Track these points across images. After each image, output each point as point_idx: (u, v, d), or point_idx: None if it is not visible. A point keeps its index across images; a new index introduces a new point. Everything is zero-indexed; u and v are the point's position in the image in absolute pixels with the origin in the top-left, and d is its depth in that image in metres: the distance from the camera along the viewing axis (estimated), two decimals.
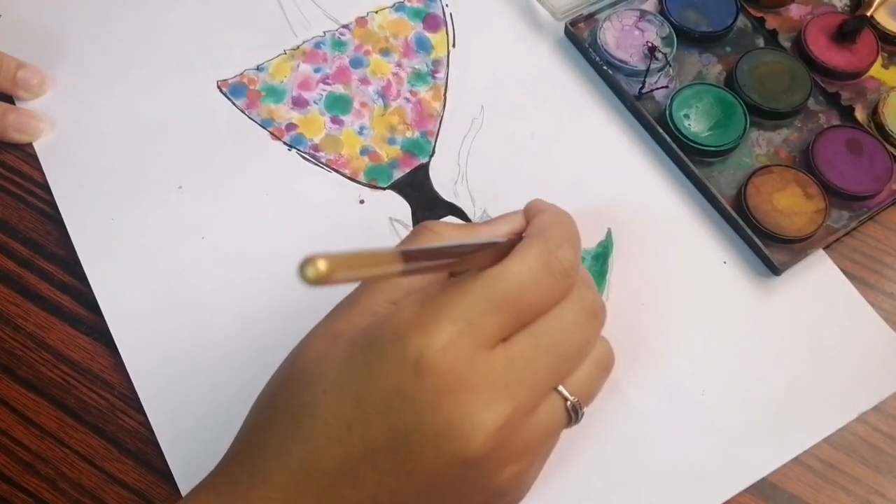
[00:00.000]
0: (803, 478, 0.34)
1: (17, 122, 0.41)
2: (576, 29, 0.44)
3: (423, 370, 0.24)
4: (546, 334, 0.26)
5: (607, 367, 0.29)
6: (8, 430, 0.35)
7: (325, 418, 0.25)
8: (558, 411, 0.27)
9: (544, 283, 0.26)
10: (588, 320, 0.27)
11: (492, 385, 0.24)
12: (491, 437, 0.24)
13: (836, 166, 0.40)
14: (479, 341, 0.24)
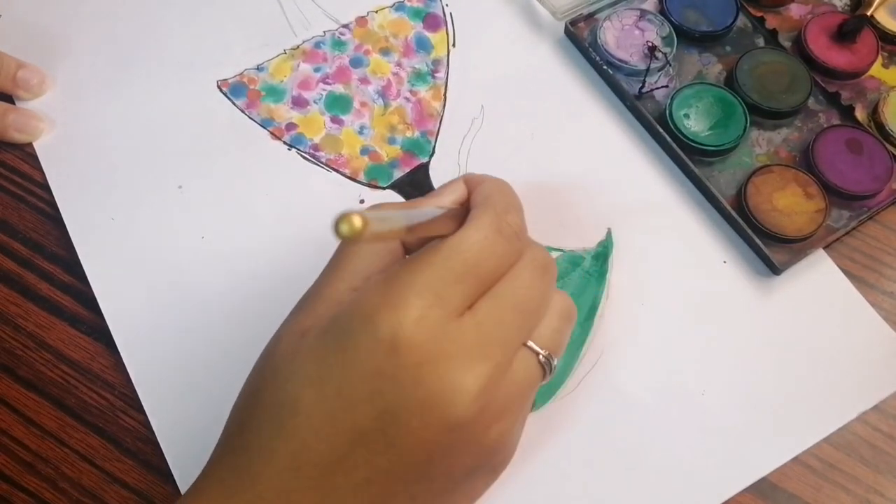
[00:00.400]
0: (803, 477, 0.35)
1: (17, 121, 0.41)
2: (576, 28, 0.44)
3: (399, 347, 0.24)
4: (507, 295, 0.27)
5: (570, 317, 0.30)
6: (8, 430, 0.35)
7: (307, 413, 0.25)
8: (532, 366, 0.28)
9: (499, 247, 0.27)
10: (542, 276, 0.28)
11: (467, 350, 0.25)
12: (475, 399, 0.25)
13: (836, 166, 0.40)
14: (447, 311, 0.25)
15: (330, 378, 0.25)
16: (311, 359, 0.25)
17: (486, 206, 0.28)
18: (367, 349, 0.24)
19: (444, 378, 0.25)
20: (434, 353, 0.25)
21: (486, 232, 0.27)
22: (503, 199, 0.29)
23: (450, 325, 0.25)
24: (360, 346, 0.25)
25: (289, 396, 0.25)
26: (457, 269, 0.26)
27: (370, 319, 0.25)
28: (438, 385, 0.25)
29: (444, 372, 0.25)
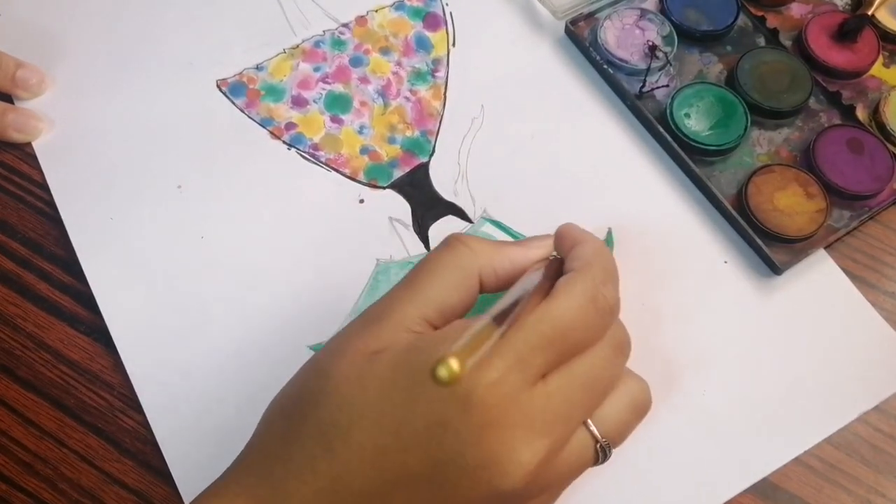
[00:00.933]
0: (804, 478, 0.34)
1: (16, 121, 0.41)
2: (576, 28, 0.44)
3: (472, 405, 0.24)
4: (581, 372, 0.26)
5: (641, 411, 0.29)
6: (7, 431, 0.35)
7: (361, 442, 0.25)
8: (587, 449, 0.27)
9: (590, 319, 0.26)
10: (617, 356, 0.28)
11: (532, 421, 0.25)
12: (529, 473, 0.25)
13: (837, 166, 0.40)
14: (525, 378, 0.25)
15: (391, 413, 0.25)
16: (377, 388, 0.25)
17: (583, 273, 0.27)
18: (438, 398, 0.24)
19: (504, 445, 0.24)
20: (501, 418, 0.24)
21: (581, 301, 0.26)
22: (602, 267, 0.28)
23: (524, 392, 0.25)
24: (431, 392, 0.24)
25: (345, 420, 0.25)
26: (545, 335, 0.25)
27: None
28: (497, 451, 0.24)
29: (506, 439, 0.24)
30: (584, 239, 0.30)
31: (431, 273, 0.28)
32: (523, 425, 0.25)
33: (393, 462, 0.24)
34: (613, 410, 0.28)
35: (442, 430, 0.24)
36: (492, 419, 0.24)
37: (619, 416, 0.28)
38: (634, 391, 0.29)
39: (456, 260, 0.28)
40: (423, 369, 0.25)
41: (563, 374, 0.26)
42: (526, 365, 0.25)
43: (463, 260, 0.28)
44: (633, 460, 0.34)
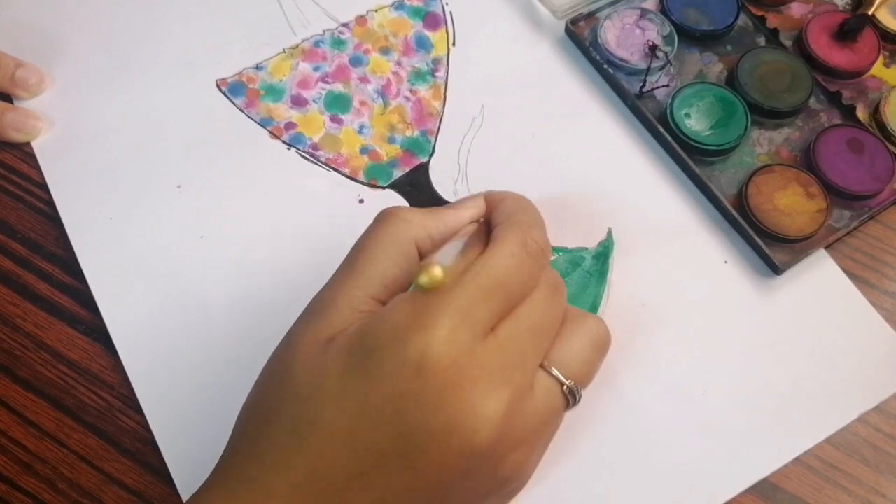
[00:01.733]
0: (804, 478, 0.34)
1: (15, 121, 0.41)
2: (576, 27, 0.44)
3: (426, 370, 0.24)
4: (526, 316, 0.27)
5: (602, 347, 0.30)
6: (6, 431, 0.35)
7: (329, 429, 0.25)
8: (554, 395, 0.27)
9: (525, 265, 0.27)
10: (555, 296, 0.28)
11: (489, 373, 0.25)
12: (496, 426, 0.25)
13: (837, 165, 0.40)
14: (474, 332, 0.25)
15: (353, 396, 0.25)
16: (335, 374, 0.25)
17: (511, 223, 0.28)
18: (393, 370, 0.24)
19: (467, 403, 0.24)
20: (457, 377, 0.24)
21: (513, 249, 0.27)
22: (527, 216, 0.29)
23: (475, 346, 0.25)
24: (386, 366, 0.24)
25: (310, 410, 0.25)
26: (484, 288, 0.25)
27: (398, 339, 0.24)
28: (461, 411, 0.24)
29: (467, 397, 0.24)
30: (505, 196, 0.31)
31: (369, 251, 0.29)
32: (481, 379, 0.25)
33: (363, 443, 0.24)
34: (573, 351, 0.28)
35: (403, 402, 0.24)
36: (449, 380, 0.24)
37: (580, 355, 0.28)
38: (591, 328, 0.29)
39: (391, 233, 0.29)
40: (374, 346, 0.25)
41: (511, 323, 0.26)
42: (472, 320, 0.25)
43: (398, 232, 0.29)
44: (633, 460, 0.34)
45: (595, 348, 0.29)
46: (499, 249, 0.27)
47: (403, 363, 0.24)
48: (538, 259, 0.28)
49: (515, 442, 0.26)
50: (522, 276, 0.27)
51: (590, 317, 0.30)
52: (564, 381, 0.27)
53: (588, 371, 0.29)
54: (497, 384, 0.25)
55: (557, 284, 0.29)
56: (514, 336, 0.26)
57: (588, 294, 0.38)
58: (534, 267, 0.27)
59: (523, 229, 0.28)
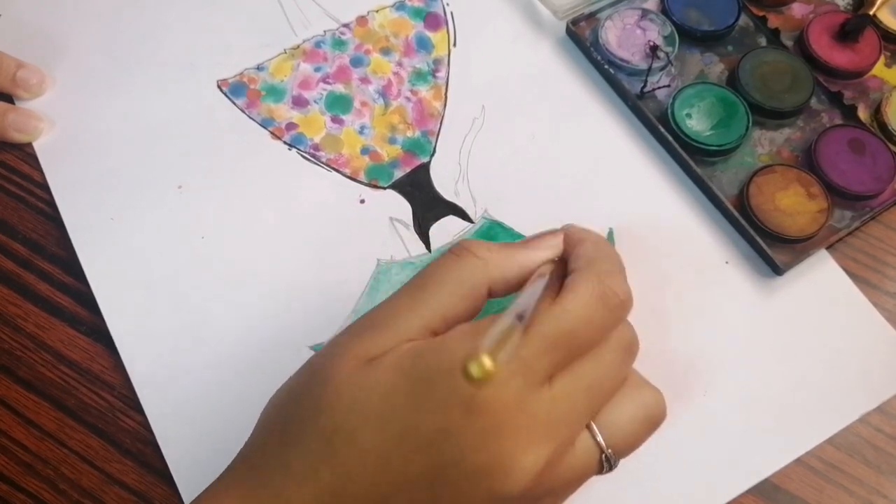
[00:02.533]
0: (805, 479, 0.34)
1: (16, 121, 0.41)
2: (577, 28, 0.44)
3: (475, 410, 0.24)
4: (586, 374, 0.26)
5: (653, 424, 0.28)
6: (8, 431, 0.35)
7: (363, 447, 0.24)
8: (592, 458, 0.27)
9: (598, 317, 0.26)
10: (624, 357, 0.27)
11: (536, 426, 0.24)
12: (531, 479, 0.24)
13: (838, 166, 0.40)
14: (530, 381, 0.24)
15: (395, 419, 0.24)
16: (380, 394, 0.25)
17: (589, 270, 0.27)
18: (441, 402, 0.24)
19: (506, 450, 0.24)
20: (505, 423, 0.24)
21: (588, 300, 0.25)
22: (608, 262, 0.28)
23: (529, 396, 0.24)
24: (434, 396, 0.24)
25: (348, 425, 0.25)
26: (551, 337, 0.25)
27: (452, 373, 0.24)
28: (500, 456, 0.24)
29: (508, 444, 0.24)
30: (585, 237, 0.29)
31: (438, 282, 0.27)
32: (527, 430, 0.24)
33: (395, 467, 0.24)
34: (623, 420, 0.27)
35: (443, 436, 0.24)
36: (495, 424, 0.24)
37: (628, 427, 0.27)
38: (648, 402, 0.28)
39: (465, 272, 0.27)
40: (427, 375, 0.24)
41: (568, 377, 0.25)
42: (532, 369, 0.24)
43: (473, 272, 0.27)
44: (634, 461, 0.34)
45: (646, 423, 0.28)
46: (572, 299, 0.25)
47: (455, 398, 0.24)
48: (615, 312, 0.26)
49: (543, 493, 0.26)
50: (593, 329, 0.26)
51: (650, 388, 0.28)
52: (605, 449, 0.26)
53: (632, 444, 0.28)
54: (541, 438, 0.24)
55: (630, 345, 0.27)
56: (569, 392, 0.25)
57: None
58: (607, 320, 0.26)
59: (601, 278, 0.26)
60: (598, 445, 0.26)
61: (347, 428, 0.25)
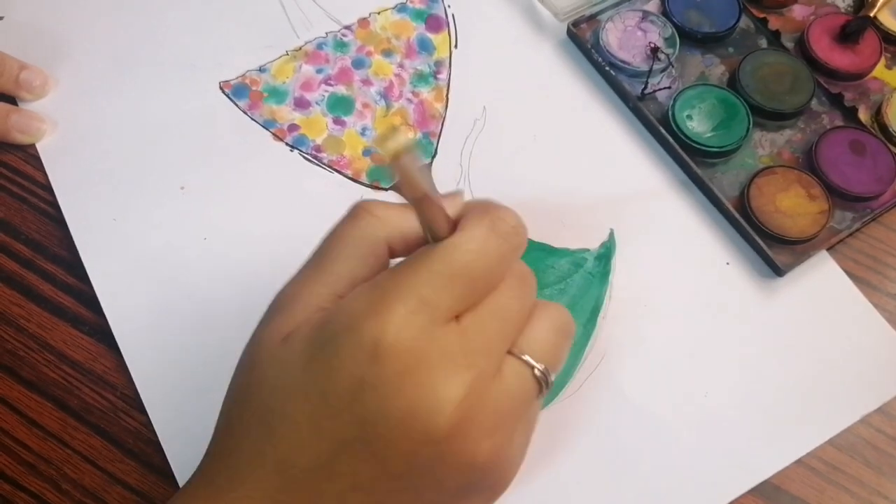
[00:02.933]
0: (806, 479, 0.34)
1: (19, 123, 0.41)
2: (578, 30, 0.44)
3: (381, 356, 0.24)
4: (492, 307, 0.26)
5: (568, 332, 0.29)
6: (10, 431, 0.35)
7: (295, 419, 0.25)
8: (526, 379, 0.27)
9: (493, 247, 0.25)
10: (525, 288, 0.27)
11: (450, 358, 0.24)
12: (455, 409, 0.24)
13: (839, 167, 0.40)
14: (433, 317, 0.24)
15: (315, 386, 0.25)
16: (297, 366, 0.25)
17: (480, 207, 0.27)
18: (350, 357, 0.24)
19: (424, 387, 0.24)
20: (416, 362, 0.24)
21: (479, 231, 0.25)
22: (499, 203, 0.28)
23: (435, 331, 0.24)
24: (342, 354, 0.24)
25: (277, 402, 0.25)
26: (445, 272, 0.25)
27: (353, 327, 0.24)
28: (419, 395, 0.24)
29: (425, 381, 0.24)
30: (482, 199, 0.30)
31: (338, 247, 0.28)
32: (440, 363, 0.24)
33: (327, 432, 0.24)
34: (540, 336, 0.27)
35: (361, 390, 0.24)
36: (406, 365, 0.24)
37: (547, 340, 0.27)
38: (553, 314, 0.28)
39: (363, 231, 0.28)
40: (333, 336, 0.24)
41: (476, 312, 0.25)
42: (431, 305, 0.24)
43: (370, 229, 0.28)
44: (635, 461, 0.34)
45: (561, 334, 0.28)
46: (463, 232, 0.25)
47: (359, 349, 0.24)
48: (509, 240, 0.26)
49: (487, 428, 0.25)
50: (489, 261, 0.25)
51: (552, 304, 0.29)
52: (535, 365, 0.27)
53: (557, 356, 0.28)
54: (458, 368, 0.24)
55: (526, 275, 0.28)
56: (478, 324, 0.25)
57: (590, 295, 0.38)
58: (503, 249, 0.26)
59: (492, 212, 0.26)
60: (527, 364, 0.27)
61: (277, 405, 0.25)
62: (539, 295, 0.37)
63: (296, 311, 0.27)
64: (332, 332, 0.25)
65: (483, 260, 0.25)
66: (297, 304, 0.27)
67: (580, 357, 0.36)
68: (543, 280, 0.38)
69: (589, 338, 0.37)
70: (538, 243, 0.39)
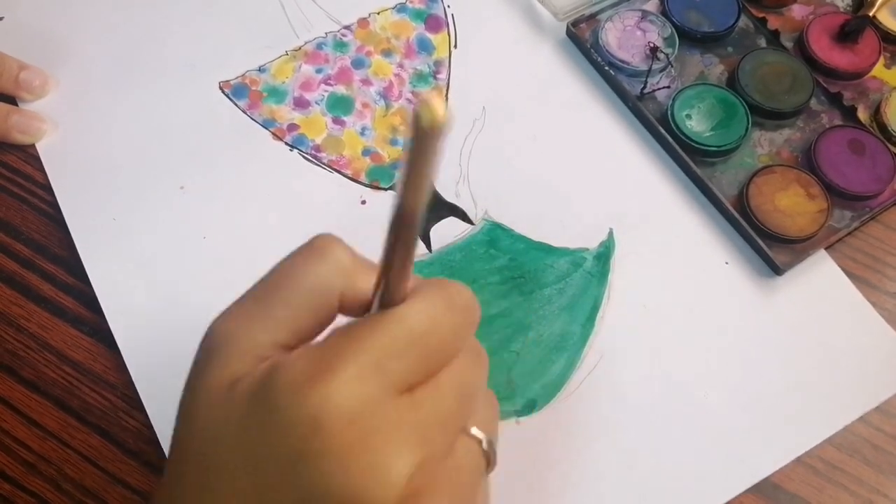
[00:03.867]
0: (806, 478, 0.34)
1: (19, 123, 0.41)
2: (577, 29, 0.44)
3: (323, 427, 0.21)
4: (449, 380, 0.24)
5: (495, 405, 0.28)
6: (11, 431, 0.35)
7: (234, 483, 0.22)
8: (475, 454, 0.25)
9: (447, 320, 0.24)
10: (478, 362, 0.26)
11: (400, 432, 0.22)
12: (403, 490, 0.22)
13: (838, 166, 0.40)
14: (384, 386, 0.22)
15: (254, 452, 0.22)
16: (238, 426, 0.23)
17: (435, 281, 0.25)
18: (290, 426, 0.21)
19: (371, 465, 0.21)
20: (362, 435, 0.21)
21: (435, 302, 0.24)
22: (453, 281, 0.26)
23: (385, 402, 0.22)
24: (282, 421, 0.21)
25: (216, 461, 0.23)
26: (400, 339, 0.22)
27: (296, 391, 0.21)
28: (364, 472, 0.21)
29: (372, 457, 0.21)
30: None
31: (287, 289, 0.25)
32: (390, 439, 0.22)
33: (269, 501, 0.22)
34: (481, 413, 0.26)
35: (303, 464, 0.21)
36: (351, 439, 0.21)
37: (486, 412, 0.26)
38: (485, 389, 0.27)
39: (317, 277, 0.25)
40: (274, 401, 0.22)
41: (432, 386, 0.23)
42: (383, 373, 0.22)
43: (326, 278, 0.25)
44: (633, 461, 0.34)
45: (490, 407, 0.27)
46: (417, 300, 0.23)
47: (301, 419, 0.21)
48: (465, 314, 0.24)
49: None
50: (444, 332, 0.23)
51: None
52: (482, 438, 0.25)
53: (494, 428, 0.26)
54: (409, 444, 0.22)
55: (482, 352, 0.26)
56: (435, 398, 0.23)
57: (589, 295, 0.38)
58: (459, 322, 0.24)
59: (447, 286, 0.24)
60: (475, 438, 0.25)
61: (216, 463, 0.23)
62: (538, 294, 0.38)
63: (234, 357, 0.24)
64: (274, 394, 0.22)
65: (440, 331, 0.23)
66: (235, 347, 0.24)
67: (579, 357, 0.36)
68: (543, 279, 0.38)
69: (588, 338, 0.37)
70: (537, 242, 0.39)
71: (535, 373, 0.36)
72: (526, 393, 0.36)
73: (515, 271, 0.38)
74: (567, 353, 0.36)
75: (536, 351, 0.36)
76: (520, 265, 0.38)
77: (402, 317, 0.23)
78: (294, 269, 0.26)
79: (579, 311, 0.37)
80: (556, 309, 0.37)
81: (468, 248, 0.39)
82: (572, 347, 0.36)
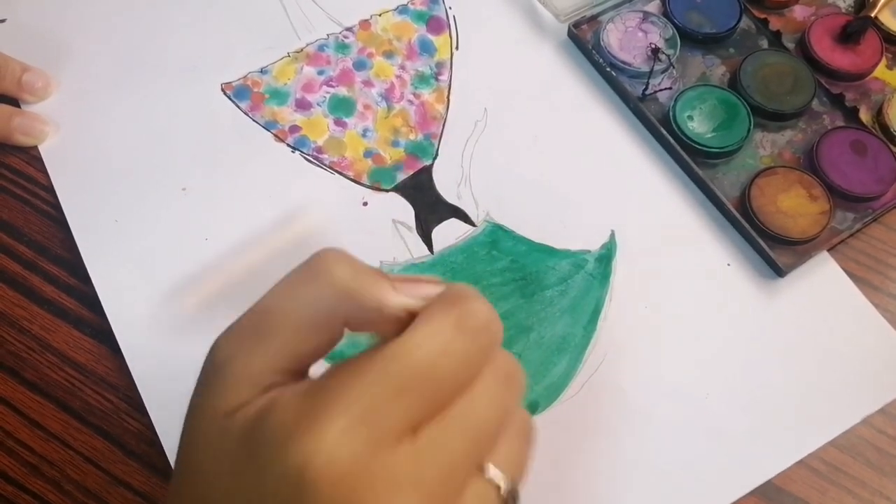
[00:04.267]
0: (808, 480, 0.34)
1: (22, 125, 0.41)
2: (579, 31, 0.44)
3: (309, 483, 0.19)
4: (461, 416, 0.21)
5: (530, 437, 0.24)
6: (13, 433, 0.35)
7: None
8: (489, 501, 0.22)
9: (458, 346, 0.21)
10: (505, 388, 0.23)
11: (396, 486, 0.20)
12: None
13: (840, 168, 0.40)
14: (377, 435, 0.20)
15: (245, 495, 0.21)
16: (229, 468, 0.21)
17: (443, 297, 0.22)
18: (276, 480, 0.20)
19: None
20: (350, 492, 0.19)
21: (440, 327, 0.21)
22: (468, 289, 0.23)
23: (379, 453, 0.20)
24: (268, 473, 0.20)
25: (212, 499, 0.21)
26: (395, 379, 0.20)
27: (281, 442, 0.20)
28: None
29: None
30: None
31: (285, 311, 0.23)
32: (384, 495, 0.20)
33: None
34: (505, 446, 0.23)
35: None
36: (338, 496, 0.19)
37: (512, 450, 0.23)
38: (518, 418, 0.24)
39: (318, 300, 0.22)
40: (262, 447, 0.20)
41: (437, 425, 0.21)
42: (375, 420, 0.20)
43: (326, 301, 0.22)
44: (635, 463, 0.34)
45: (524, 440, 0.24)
46: (418, 330, 0.21)
47: (288, 475, 0.19)
48: (477, 338, 0.21)
49: None
50: (452, 363, 0.21)
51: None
52: (502, 485, 0.22)
53: (523, 467, 0.24)
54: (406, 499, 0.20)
55: (511, 373, 0.23)
56: (440, 440, 0.21)
57: (591, 297, 0.38)
58: (470, 348, 0.21)
59: (457, 303, 0.22)
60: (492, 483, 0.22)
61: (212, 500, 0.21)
62: (540, 296, 0.38)
63: (230, 385, 0.22)
64: (266, 438, 0.20)
65: (447, 362, 0.21)
66: (232, 375, 0.23)
67: (581, 359, 0.36)
68: (544, 281, 0.38)
69: (590, 340, 0.37)
70: (539, 244, 0.39)
71: (536, 375, 0.36)
72: (528, 395, 0.35)
73: (517, 273, 0.38)
74: (569, 355, 0.36)
75: (538, 353, 0.36)
76: (521, 267, 0.38)
77: (401, 353, 0.21)
78: (290, 293, 0.24)
79: (581, 312, 0.37)
80: (557, 311, 0.37)
81: (470, 249, 0.39)
82: (574, 349, 0.36)
